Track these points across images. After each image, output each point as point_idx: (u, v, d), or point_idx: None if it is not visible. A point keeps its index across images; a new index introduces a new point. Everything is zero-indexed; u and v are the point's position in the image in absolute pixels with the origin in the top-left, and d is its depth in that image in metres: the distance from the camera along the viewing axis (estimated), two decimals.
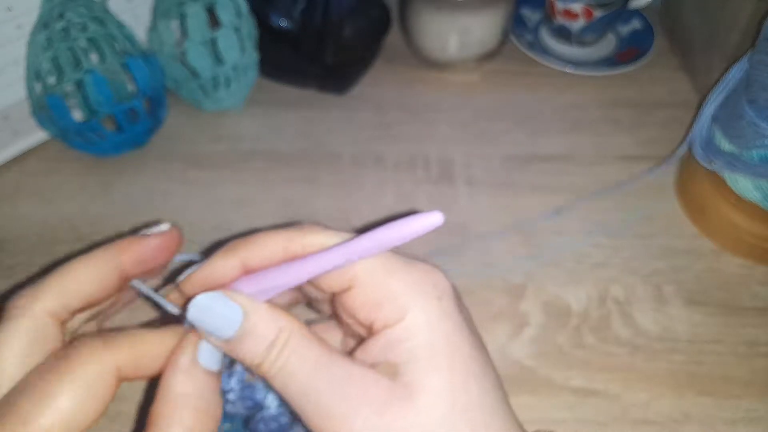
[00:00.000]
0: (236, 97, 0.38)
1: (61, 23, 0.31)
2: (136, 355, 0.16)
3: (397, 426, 0.15)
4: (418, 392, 0.15)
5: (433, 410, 0.15)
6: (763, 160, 0.29)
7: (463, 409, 0.15)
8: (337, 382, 0.15)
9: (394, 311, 0.16)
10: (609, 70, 0.42)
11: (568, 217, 0.34)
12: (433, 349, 0.15)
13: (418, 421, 0.15)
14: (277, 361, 0.15)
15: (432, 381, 0.15)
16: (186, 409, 0.15)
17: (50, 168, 0.36)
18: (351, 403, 0.15)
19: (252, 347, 0.16)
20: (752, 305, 0.30)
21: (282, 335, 0.16)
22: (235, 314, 0.16)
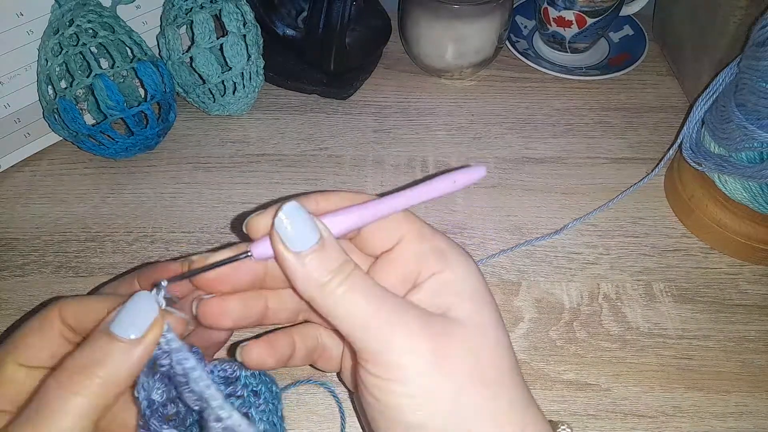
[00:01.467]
0: (242, 102, 0.39)
1: (72, 29, 0.32)
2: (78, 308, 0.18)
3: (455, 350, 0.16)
4: (470, 326, 0.17)
5: (484, 343, 0.17)
6: (751, 162, 0.30)
7: (505, 348, 0.18)
8: (401, 308, 0.17)
9: (440, 262, 0.18)
10: (601, 75, 0.43)
11: (562, 217, 0.35)
12: (474, 293, 0.18)
13: (471, 349, 0.17)
14: (344, 283, 0.16)
15: (478, 317, 0.17)
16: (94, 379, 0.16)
17: (62, 169, 0.37)
18: (416, 325, 0.16)
19: (320, 266, 0.16)
20: (740, 302, 0.31)
21: (346, 267, 0.17)
22: (315, 230, 0.17)
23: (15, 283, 0.31)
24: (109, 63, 0.36)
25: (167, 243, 0.33)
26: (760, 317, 0.30)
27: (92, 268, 0.32)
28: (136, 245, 0.33)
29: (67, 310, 0.18)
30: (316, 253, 0.16)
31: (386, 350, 0.16)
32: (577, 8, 0.41)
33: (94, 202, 0.35)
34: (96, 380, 0.16)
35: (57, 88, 0.33)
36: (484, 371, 0.17)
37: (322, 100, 0.42)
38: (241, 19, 0.36)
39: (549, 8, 0.42)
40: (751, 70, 0.29)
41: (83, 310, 0.18)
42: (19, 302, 0.31)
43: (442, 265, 0.18)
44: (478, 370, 0.17)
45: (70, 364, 0.16)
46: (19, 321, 0.30)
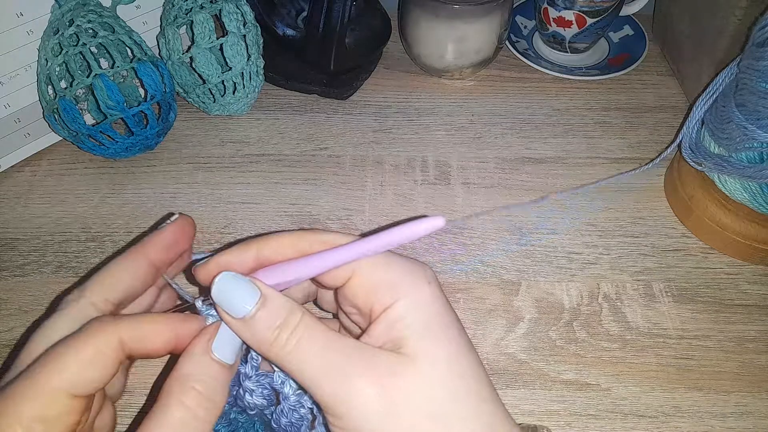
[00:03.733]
0: (242, 102, 0.39)
1: (72, 29, 0.32)
2: (140, 332, 0.17)
3: (404, 389, 0.16)
4: (420, 360, 0.17)
5: (434, 374, 0.16)
6: (751, 162, 0.30)
7: (460, 374, 0.17)
8: (349, 353, 0.16)
9: (391, 294, 0.17)
10: (601, 75, 0.43)
11: (562, 217, 0.35)
12: (428, 324, 0.17)
13: (422, 384, 0.16)
14: (291, 339, 0.17)
15: (430, 350, 0.17)
16: (189, 390, 0.17)
17: (62, 169, 0.37)
18: (363, 369, 0.16)
19: (266, 325, 0.17)
20: (740, 302, 0.31)
21: (293, 316, 0.17)
22: (252, 294, 0.17)
23: (15, 283, 0.31)
24: (109, 63, 0.36)
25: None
26: (760, 317, 0.30)
27: (92, 268, 0.32)
28: None
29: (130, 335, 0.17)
30: (258, 314, 0.17)
31: (336, 401, 0.16)
32: (577, 8, 0.41)
33: (94, 202, 0.35)
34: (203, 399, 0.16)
35: (57, 88, 0.33)
36: (437, 407, 0.16)
37: (322, 100, 0.42)
38: (241, 19, 0.36)
39: (549, 8, 0.42)
40: (751, 70, 0.29)
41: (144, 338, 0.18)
42: (19, 302, 0.31)
43: (392, 299, 0.17)
44: (429, 406, 0.16)
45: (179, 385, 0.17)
46: (17, 321, 0.30)
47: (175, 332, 0.18)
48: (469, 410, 0.17)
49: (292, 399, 0.18)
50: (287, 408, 0.18)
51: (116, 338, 0.17)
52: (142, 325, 0.17)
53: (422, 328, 0.17)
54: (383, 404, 0.16)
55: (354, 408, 0.16)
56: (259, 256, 0.19)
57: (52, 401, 0.16)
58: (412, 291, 0.17)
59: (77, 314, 0.18)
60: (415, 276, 0.18)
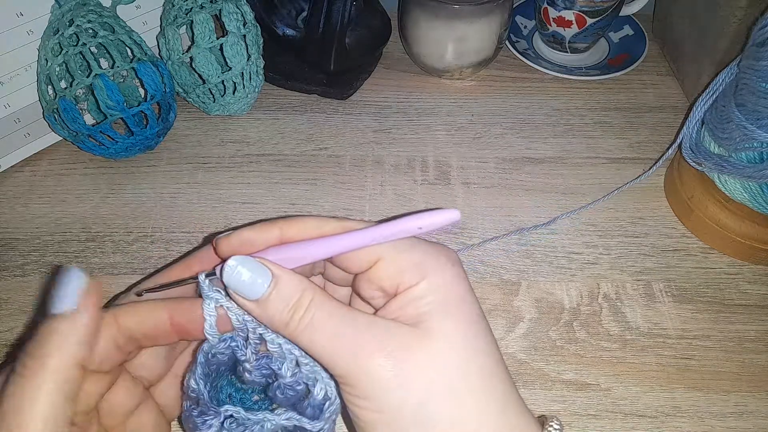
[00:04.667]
0: (242, 102, 0.39)
1: (72, 29, 0.32)
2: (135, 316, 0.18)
3: (418, 362, 0.17)
4: (436, 336, 0.17)
5: (449, 351, 0.17)
6: (751, 162, 0.30)
7: (475, 353, 0.17)
8: (362, 328, 0.17)
9: (416, 275, 0.18)
10: (601, 75, 0.43)
11: (562, 217, 0.35)
12: (448, 303, 0.18)
13: (436, 359, 0.17)
14: (304, 317, 0.17)
15: (448, 327, 0.17)
16: None
17: (62, 169, 0.37)
18: (377, 343, 0.17)
19: (280, 306, 0.17)
20: (740, 302, 0.31)
21: (306, 294, 0.17)
22: (264, 276, 0.17)
23: (15, 283, 0.31)
24: (109, 63, 0.36)
25: (167, 243, 0.33)
26: (760, 317, 0.30)
27: (92, 268, 0.32)
28: (136, 245, 0.33)
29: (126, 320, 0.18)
30: (272, 296, 0.17)
31: (352, 371, 0.17)
32: (577, 8, 0.41)
33: (94, 202, 0.35)
34: (51, 361, 0.16)
35: (57, 88, 0.33)
36: (449, 381, 0.17)
37: (322, 100, 0.42)
38: (241, 19, 0.36)
39: (549, 8, 0.42)
40: (751, 70, 0.29)
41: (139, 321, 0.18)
42: (19, 302, 0.31)
43: (418, 278, 0.18)
44: (443, 381, 0.17)
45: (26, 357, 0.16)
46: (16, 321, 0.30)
47: (169, 316, 0.18)
48: (482, 386, 0.17)
49: (289, 379, 0.19)
50: (283, 386, 0.19)
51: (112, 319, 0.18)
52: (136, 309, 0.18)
53: (441, 307, 0.17)
54: (397, 376, 0.16)
55: (369, 379, 0.16)
56: (282, 236, 0.19)
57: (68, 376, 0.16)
58: (435, 272, 0.18)
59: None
60: (438, 258, 0.18)
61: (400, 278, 0.18)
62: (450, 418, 0.17)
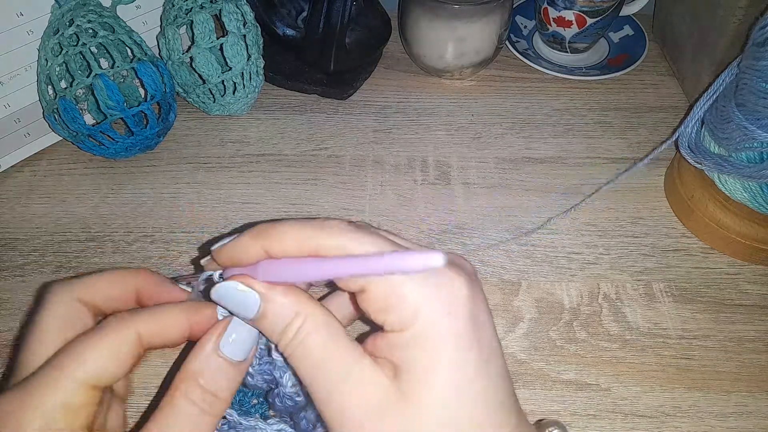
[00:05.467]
0: (243, 102, 0.39)
1: (72, 29, 0.32)
2: (156, 325, 0.18)
3: (389, 425, 0.16)
4: (411, 400, 0.16)
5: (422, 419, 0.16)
6: (751, 162, 0.30)
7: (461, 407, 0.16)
8: (341, 375, 0.16)
9: (403, 318, 0.16)
10: (601, 75, 0.43)
11: (562, 217, 0.35)
12: (432, 363, 0.16)
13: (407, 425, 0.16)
14: (292, 342, 0.17)
15: (425, 394, 0.16)
16: (196, 386, 0.17)
17: (62, 169, 0.37)
18: (350, 398, 0.16)
19: (270, 327, 0.17)
20: (740, 302, 0.31)
21: (297, 320, 0.17)
22: (252, 300, 0.17)
23: (15, 283, 0.31)
24: (109, 63, 0.36)
25: (167, 243, 0.33)
26: (760, 317, 0.30)
27: (92, 268, 0.32)
28: (136, 245, 0.33)
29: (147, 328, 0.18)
30: (262, 318, 0.17)
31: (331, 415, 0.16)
32: (577, 8, 0.41)
33: (94, 202, 0.35)
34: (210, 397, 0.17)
35: (57, 88, 0.33)
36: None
37: (322, 100, 0.42)
38: (241, 19, 0.36)
39: (549, 8, 0.42)
40: (751, 70, 0.29)
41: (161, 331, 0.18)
42: (19, 302, 0.31)
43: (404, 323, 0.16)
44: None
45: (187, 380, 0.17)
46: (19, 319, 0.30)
47: (189, 322, 0.19)
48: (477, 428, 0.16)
49: (289, 389, 0.19)
50: (283, 394, 0.19)
51: (134, 332, 0.17)
52: (158, 318, 0.18)
53: (424, 367, 0.16)
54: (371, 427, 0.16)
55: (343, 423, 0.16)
56: (269, 252, 0.18)
57: (75, 391, 0.16)
58: (425, 322, 0.16)
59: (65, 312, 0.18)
60: (433, 301, 0.16)
61: (385, 315, 0.16)
62: None
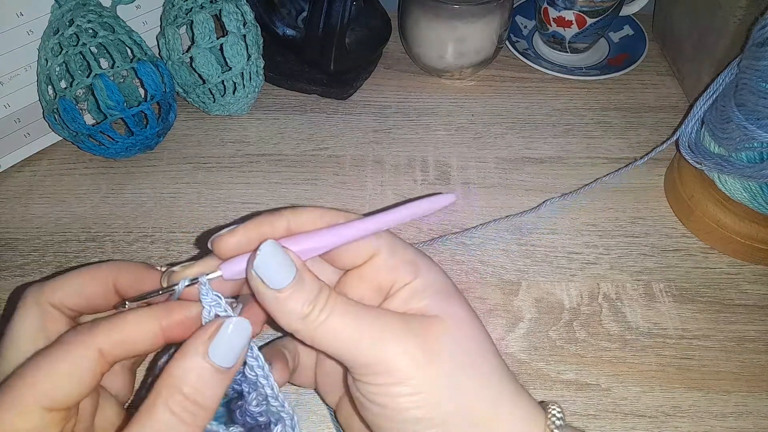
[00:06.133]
0: (243, 102, 0.39)
1: (72, 29, 0.32)
2: (120, 336, 0.17)
3: (439, 341, 0.17)
4: (446, 319, 0.18)
5: (461, 331, 0.18)
6: (751, 162, 0.30)
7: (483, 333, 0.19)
8: (379, 324, 0.17)
9: (411, 272, 0.19)
10: (601, 75, 0.43)
11: (562, 217, 0.35)
12: (445, 293, 0.19)
13: (454, 336, 0.18)
14: (323, 313, 0.17)
15: (454, 311, 0.18)
16: (176, 394, 0.16)
17: (62, 169, 0.37)
18: (398, 333, 0.17)
19: (301, 299, 0.17)
20: (740, 302, 0.31)
21: (324, 290, 0.18)
22: (291, 267, 0.17)
23: (15, 283, 0.31)
24: (109, 63, 0.36)
25: (167, 243, 0.33)
26: (760, 317, 0.30)
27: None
28: (136, 245, 0.33)
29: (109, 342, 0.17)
30: (295, 289, 0.17)
31: (379, 359, 0.17)
32: (577, 8, 0.41)
33: (94, 202, 0.35)
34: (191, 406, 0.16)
35: (57, 88, 0.33)
36: (470, 357, 0.18)
37: (322, 100, 0.42)
38: (241, 19, 0.36)
39: (549, 8, 0.42)
40: (751, 70, 0.29)
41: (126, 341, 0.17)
42: None
43: (413, 275, 0.19)
44: (466, 358, 0.18)
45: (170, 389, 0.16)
46: None
47: (162, 326, 0.17)
48: (498, 363, 0.18)
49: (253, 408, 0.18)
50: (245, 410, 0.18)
51: (93, 350, 0.16)
52: (122, 329, 0.17)
53: (441, 296, 0.19)
54: (426, 357, 0.17)
55: (398, 364, 0.17)
56: (290, 227, 0.19)
57: (27, 416, 0.15)
58: (428, 269, 0.19)
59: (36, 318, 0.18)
60: (426, 258, 0.20)
61: (396, 274, 0.19)
62: (475, 390, 0.17)
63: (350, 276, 0.20)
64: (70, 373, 0.16)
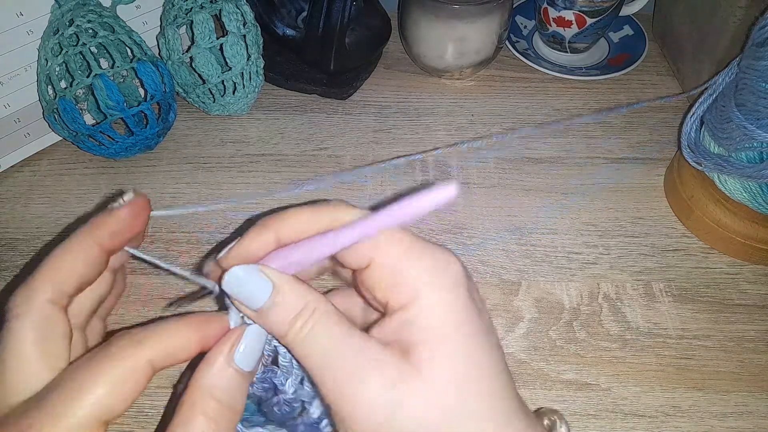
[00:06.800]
0: (243, 102, 0.39)
1: (72, 29, 0.32)
2: (166, 348, 0.17)
3: (408, 396, 0.16)
4: (425, 372, 0.16)
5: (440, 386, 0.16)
6: (751, 162, 0.30)
7: (470, 381, 0.16)
8: (353, 355, 0.16)
9: (408, 293, 0.16)
10: (601, 75, 0.43)
11: (562, 217, 0.35)
12: (441, 334, 0.16)
13: (426, 393, 0.16)
14: (302, 331, 0.17)
15: (439, 364, 0.16)
16: (211, 400, 0.16)
17: (62, 169, 0.37)
18: (364, 376, 0.16)
19: (280, 317, 0.17)
20: (740, 302, 0.31)
21: (307, 309, 0.17)
22: (265, 286, 0.17)
23: (15, 283, 0.31)
24: (109, 63, 0.36)
25: (167, 243, 0.33)
26: (760, 317, 0.30)
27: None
28: None
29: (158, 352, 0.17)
30: (272, 307, 0.17)
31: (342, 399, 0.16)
32: (577, 8, 0.41)
33: (94, 202, 0.35)
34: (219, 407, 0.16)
35: (57, 88, 0.33)
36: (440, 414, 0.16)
37: (322, 100, 0.42)
38: (241, 19, 0.36)
39: (549, 8, 0.42)
40: (751, 70, 0.29)
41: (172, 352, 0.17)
42: None
43: (409, 298, 0.16)
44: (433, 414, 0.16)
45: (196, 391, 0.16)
46: None
47: (199, 337, 0.18)
48: (480, 412, 0.16)
49: (290, 396, 0.19)
50: (282, 401, 0.19)
51: (145, 361, 0.16)
52: (170, 340, 0.17)
53: (434, 339, 0.16)
54: (387, 407, 0.16)
55: (358, 408, 0.16)
56: (279, 237, 0.18)
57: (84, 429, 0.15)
58: (431, 293, 0.16)
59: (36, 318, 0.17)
60: (435, 275, 0.17)
61: (390, 292, 0.17)
62: None
63: (357, 279, 0.18)
64: (125, 382, 0.16)
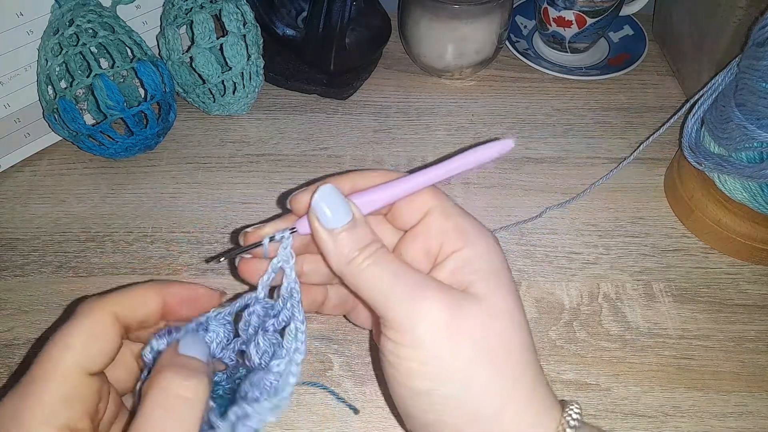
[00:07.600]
0: (242, 102, 0.39)
1: (72, 29, 0.32)
2: (126, 300, 0.18)
3: (468, 323, 0.17)
4: (485, 304, 0.18)
5: (496, 321, 0.18)
6: (751, 162, 0.30)
7: (517, 327, 0.18)
8: (417, 284, 0.18)
9: (460, 239, 0.19)
10: (601, 75, 0.43)
11: (562, 217, 0.35)
12: (493, 272, 0.19)
13: (485, 324, 0.17)
14: (369, 259, 0.18)
15: (496, 298, 0.18)
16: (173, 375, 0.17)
17: (62, 169, 0.37)
18: (432, 297, 0.17)
19: (350, 243, 0.18)
20: (740, 302, 0.31)
21: (375, 243, 0.18)
22: (346, 212, 0.18)
23: (15, 283, 0.31)
24: (109, 63, 0.36)
25: (167, 243, 0.33)
26: (760, 317, 0.30)
27: (92, 268, 0.32)
28: (136, 245, 0.33)
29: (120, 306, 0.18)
30: (347, 232, 0.18)
31: (404, 319, 0.17)
32: (577, 8, 0.41)
33: (94, 202, 0.35)
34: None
35: (57, 88, 0.33)
36: (493, 348, 0.17)
37: (322, 100, 0.42)
38: (241, 19, 0.36)
39: (549, 8, 0.42)
40: (751, 70, 0.29)
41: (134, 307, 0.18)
42: (19, 302, 0.31)
43: (462, 243, 0.19)
44: (488, 347, 0.17)
45: None
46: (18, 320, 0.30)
47: (159, 294, 0.19)
48: (519, 360, 0.18)
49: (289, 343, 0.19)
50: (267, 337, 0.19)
51: (109, 311, 0.18)
52: (128, 294, 0.18)
53: (487, 275, 0.18)
54: (448, 333, 0.17)
55: (420, 326, 0.17)
56: (355, 186, 0.20)
57: (70, 380, 0.16)
58: (480, 240, 0.19)
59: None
60: (481, 228, 0.20)
61: (444, 237, 0.19)
62: (486, 383, 0.17)
63: (406, 238, 0.21)
64: (97, 334, 0.17)
